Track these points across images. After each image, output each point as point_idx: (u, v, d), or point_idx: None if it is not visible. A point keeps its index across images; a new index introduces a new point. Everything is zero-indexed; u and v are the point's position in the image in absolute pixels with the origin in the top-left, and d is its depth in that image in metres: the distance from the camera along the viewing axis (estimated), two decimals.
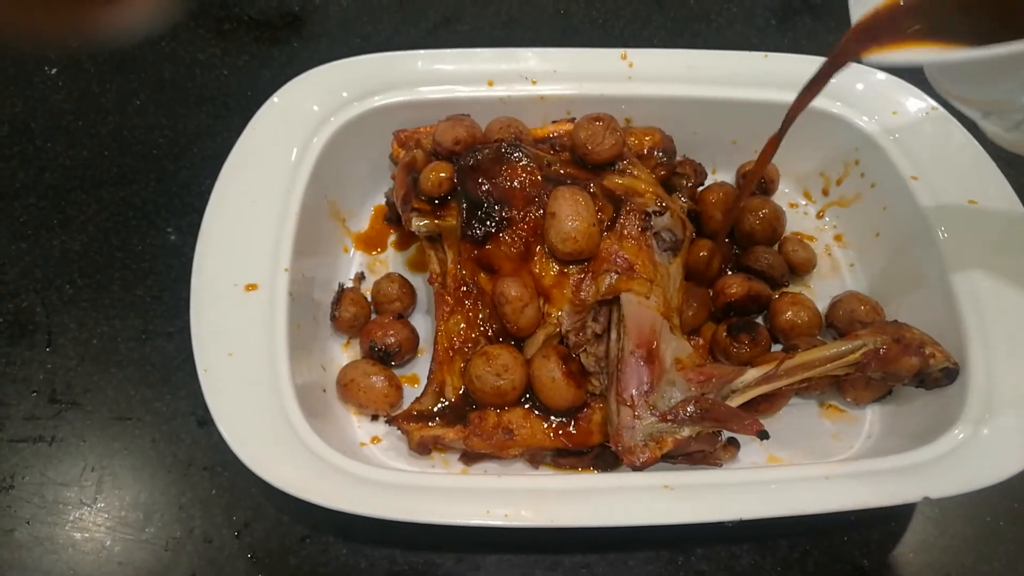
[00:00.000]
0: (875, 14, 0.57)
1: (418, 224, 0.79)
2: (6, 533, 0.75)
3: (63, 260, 0.91)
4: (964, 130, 0.86)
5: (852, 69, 0.90)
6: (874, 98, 0.89)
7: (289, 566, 0.75)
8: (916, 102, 0.88)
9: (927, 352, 0.71)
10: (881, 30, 0.56)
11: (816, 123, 0.90)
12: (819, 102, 0.89)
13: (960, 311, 0.76)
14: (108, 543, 0.75)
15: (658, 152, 0.86)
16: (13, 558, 0.74)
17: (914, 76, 0.89)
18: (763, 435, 0.69)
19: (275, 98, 0.84)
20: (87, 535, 0.76)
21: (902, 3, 0.56)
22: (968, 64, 0.49)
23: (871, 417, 0.81)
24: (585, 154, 0.79)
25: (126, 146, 1.00)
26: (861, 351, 0.71)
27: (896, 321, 0.75)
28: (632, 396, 0.69)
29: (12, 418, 0.81)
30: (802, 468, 0.70)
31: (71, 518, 0.76)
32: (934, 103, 0.87)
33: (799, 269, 0.89)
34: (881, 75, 0.89)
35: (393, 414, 0.77)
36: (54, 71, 1.05)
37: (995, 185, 0.83)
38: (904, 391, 0.79)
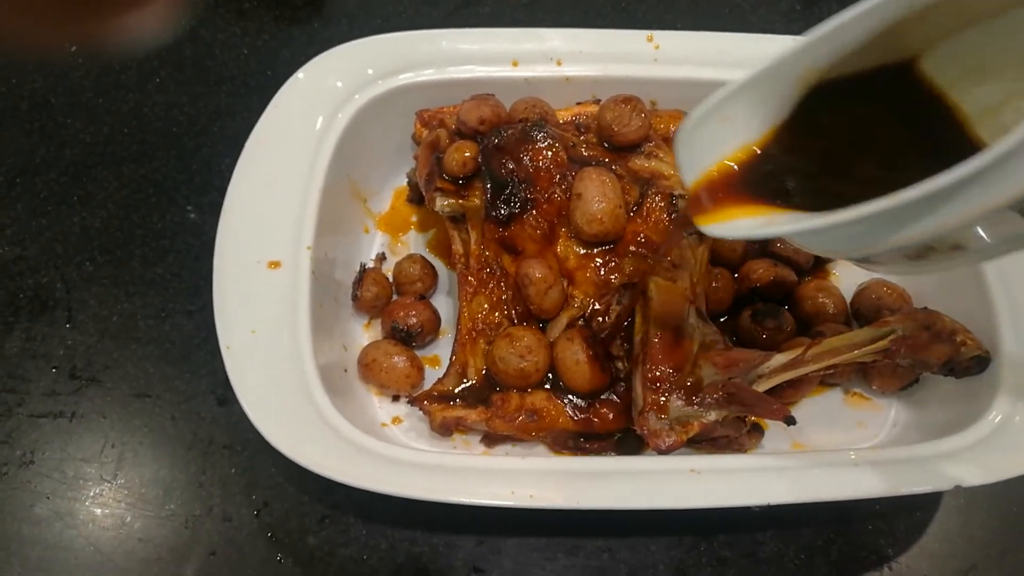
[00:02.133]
0: (709, 180, 0.55)
1: (442, 204, 0.78)
2: (27, 508, 0.75)
3: (83, 237, 0.91)
4: None
5: None
6: None
7: (308, 546, 0.75)
8: None
9: (958, 340, 0.70)
10: (717, 197, 0.54)
11: None
12: None
13: (991, 297, 0.75)
14: (128, 519, 0.75)
15: None
16: (34, 533, 0.74)
17: None
18: (790, 421, 0.68)
19: (300, 74, 0.83)
20: (107, 511, 0.75)
21: (736, 167, 0.54)
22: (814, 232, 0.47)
23: (897, 405, 0.80)
24: (611, 136, 0.78)
25: (146, 123, 0.99)
26: (890, 338, 0.70)
27: (926, 308, 0.74)
28: (657, 380, 0.68)
29: (32, 394, 0.81)
30: (831, 455, 0.69)
31: (91, 494, 0.76)
32: None
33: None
34: None
35: (415, 395, 0.77)
36: (74, 48, 1.04)
37: None
38: (931, 379, 0.78)
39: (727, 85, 0.53)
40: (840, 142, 0.54)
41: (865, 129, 0.54)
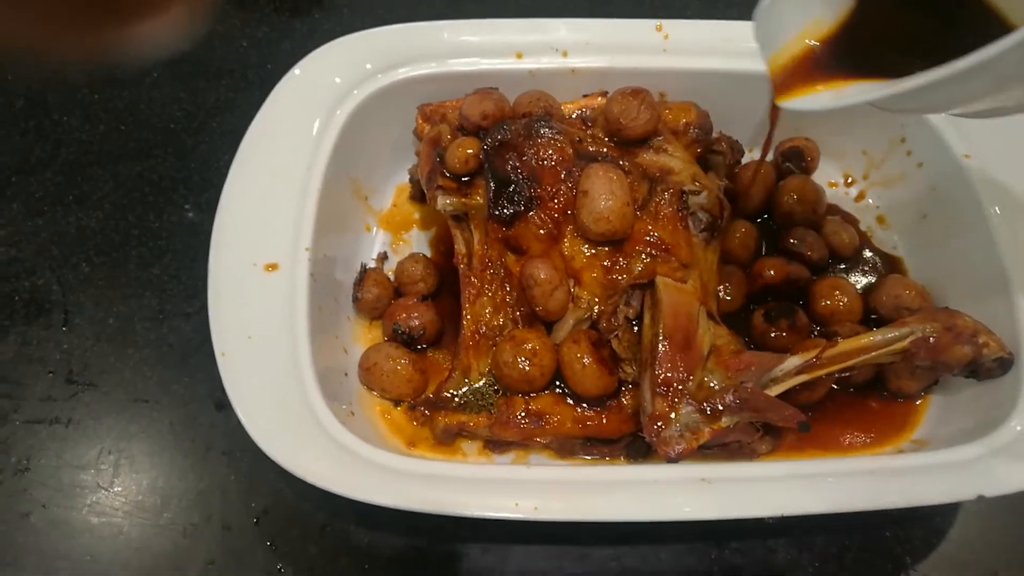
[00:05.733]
0: (790, 59, 0.58)
1: (444, 203, 0.76)
2: (22, 517, 0.74)
3: (79, 237, 0.89)
4: None
5: None
6: None
7: (309, 555, 0.73)
8: None
9: (980, 341, 0.67)
10: (801, 74, 0.58)
11: None
12: None
13: (1014, 297, 0.72)
14: (125, 528, 0.74)
15: (694, 128, 0.82)
16: (29, 542, 0.73)
17: None
18: (804, 426, 0.65)
19: (296, 70, 0.81)
20: (104, 519, 0.74)
21: (815, 44, 0.58)
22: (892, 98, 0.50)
23: (915, 408, 0.77)
24: (618, 130, 0.76)
25: (143, 120, 0.97)
26: (909, 339, 0.67)
27: (946, 308, 0.71)
28: (667, 384, 0.66)
29: (28, 399, 0.80)
30: (847, 462, 0.67)
31: (88, 502, 0.75)
32: None
33: (840, 252, 0.85)
34: None
35: (417, 399, 0.75)
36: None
37: None
38: (952, 381, 0.75)
39: None
40: (907, 17, 0.57)
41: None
